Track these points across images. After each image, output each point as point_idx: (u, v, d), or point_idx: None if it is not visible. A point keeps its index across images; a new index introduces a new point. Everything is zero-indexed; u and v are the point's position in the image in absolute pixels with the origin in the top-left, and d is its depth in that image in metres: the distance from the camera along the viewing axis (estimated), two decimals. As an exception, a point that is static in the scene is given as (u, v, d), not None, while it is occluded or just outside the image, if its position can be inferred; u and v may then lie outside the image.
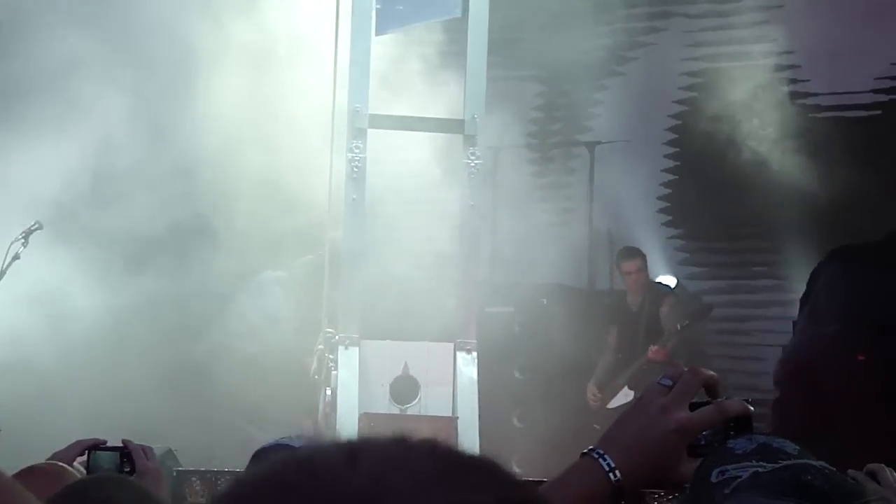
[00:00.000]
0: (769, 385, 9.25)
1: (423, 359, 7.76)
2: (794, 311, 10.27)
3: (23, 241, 8.12)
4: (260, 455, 2.82)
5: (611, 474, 1.64)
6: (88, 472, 2.84)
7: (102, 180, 9.36)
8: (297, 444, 2.78)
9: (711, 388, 1.70)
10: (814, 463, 1.50)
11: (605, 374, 9.81)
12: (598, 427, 8.80)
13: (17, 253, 8.06)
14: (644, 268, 9.85)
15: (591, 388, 9.72)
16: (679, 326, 9.45)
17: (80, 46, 9.08)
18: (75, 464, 2.89)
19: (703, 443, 1.64)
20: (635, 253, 9.99)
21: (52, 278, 8.85)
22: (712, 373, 1.72)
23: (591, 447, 1.68)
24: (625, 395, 9.47)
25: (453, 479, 0.95)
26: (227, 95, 9.09)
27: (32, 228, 8.18)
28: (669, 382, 1.69)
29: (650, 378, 8.84)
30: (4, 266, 7.95)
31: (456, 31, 8.05)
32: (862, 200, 10.15)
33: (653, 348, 9.45)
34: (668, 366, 1.74)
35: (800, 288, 10.43)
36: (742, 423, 1.64)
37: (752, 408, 1.67)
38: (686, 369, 1.70)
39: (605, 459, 1.65)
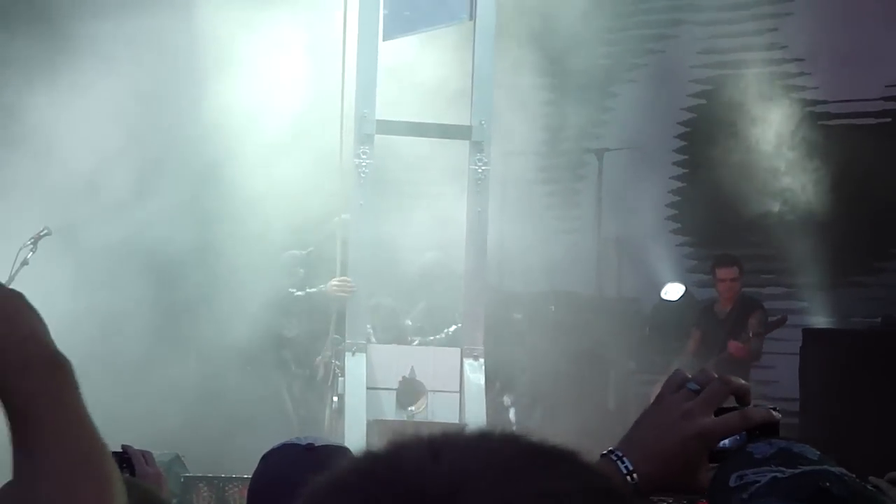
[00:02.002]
0: (779, 393, 9.25)
1: (430, 364, 7.74)
2: (804, 318, 10.30)
3: (31, 246, 8.09)
4: (268, 457, 2.79)
5: (628, 477, 1.61)
6: None
7: (116, 186, 9.36)
8: (303, 443, 2.76)
9: (742, 398, 1.68)
10: (833, 469, 1.47)
11: None
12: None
13: (25, 258, 8.03)
14: (739, 276, 9.61)
15: (656, 388, 9.45)
16: (752, 333, 9.32)
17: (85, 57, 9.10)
18: None
19: (725, 449, 1.61)
20: (733, 260, 9.71)
21: (61, 282, 8.83)
22: (743, 381, 1.69)
23: (610, 448, 1.66)
24: None
25: (537, 468, 0.95)
26: (236, 103, 9.08)
27: (41, 234, 8.15)
28: (697, 387, 1.67)
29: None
30: (13, 272, 7.93)
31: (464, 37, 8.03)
32: (871, 208, 10.11)
33: (733, 342, 9.27)
34: (699, 371, 1.70)
35: (808, 295, 10.42)
36: (767, 431, 1.61)
37: (778, 415, 1.64)
38: (716, 376, 1.67)
39: (623, 461, 1.63)
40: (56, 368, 1.41)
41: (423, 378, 7.64)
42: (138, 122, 9.28)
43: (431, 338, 8.46)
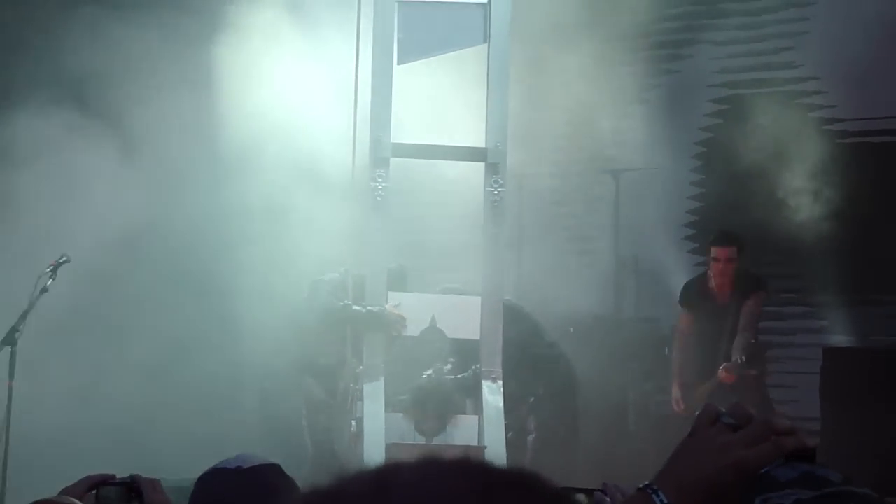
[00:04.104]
0: (800, 412, 9.19)
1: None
2: (824, 337, 10.23)
3: (51, 273, 8.09)
4: (201, 482, 2.81)
5: None
6: None
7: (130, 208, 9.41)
8: (233, 465, 2.78)
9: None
10: (857, 490, 1.46)
11: (685, 372, 8.94)
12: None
13: (45, 286, 8.03)
14: (737, 258, 8.86)
15: (674, 390, 8.88)
16: (740, 360, 8.68)
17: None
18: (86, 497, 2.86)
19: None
20: (732, 238, 8.97)
21: (74, 307, 8.86)
22: (788, 422, 1.67)
23: (647, 482, 1.66)
24: None
25: (489, 501, 0.91)
26: (248, 125, 9.11)
27: (60, 261, 8.15)
28: (732, 421, 1.66)
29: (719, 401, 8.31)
30: (33, 299, 7.93)
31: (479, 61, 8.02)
32: (890, 226, 10.06)
33: (723, 372, 8.72)
34: (733, 405, 1.70)
35: (828, 314, 10.36)
36: (803, 459, 1.59)
37: (810, 440, 1.62)
38: (758, 417, 1.66)
39: (658, 495, 1.63)
40: None
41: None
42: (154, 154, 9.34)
43: (460, 375, 8.36)
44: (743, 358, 8.68)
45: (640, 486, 1.65)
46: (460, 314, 7.66)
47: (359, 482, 0.92)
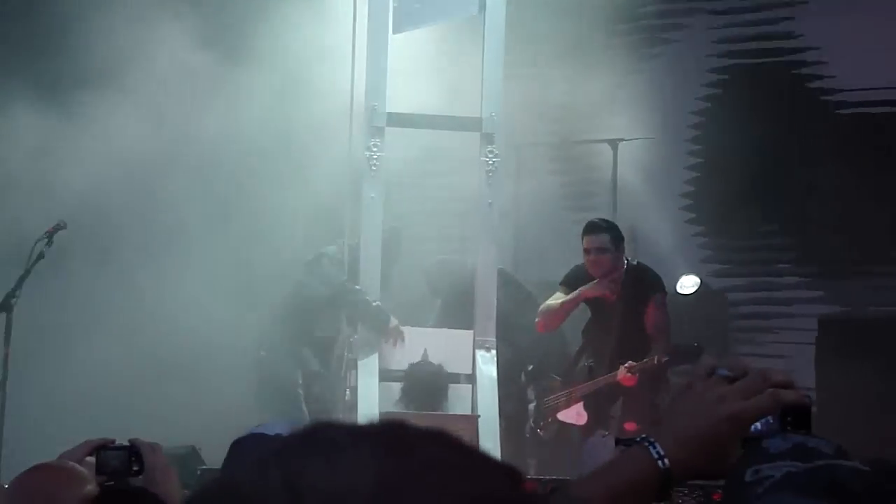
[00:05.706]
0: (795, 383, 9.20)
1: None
2: (819, 308, 10.24)
3: (47, 240, 8.08)
4: (237, 447, 2.78)
5: (659, 462, 1.63)
6: (97, 472, 2.84)
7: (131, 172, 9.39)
8: (272, 432, 2.76)
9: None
10: (847, 464, 1.45)
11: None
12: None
13: (41, 252, 8.02)
14: (611, 248, 7.88)
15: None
16: (657, 360, 7.57)
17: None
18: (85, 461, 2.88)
19: (758, 434, 1.61)
20: (601, 227, 7.99)
21: (70, 271, 8.85)
22: (784, 373, 1.68)
23: (643, 435, 1.68)
24: (577, 414, 7.94)
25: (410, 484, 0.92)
26: (250, 96, 9.08)
27: (57, 227, 8.14)
28: (728, 373, 1.67)
29: (606, 400, 8.04)
30: (29, 265, 7.92)
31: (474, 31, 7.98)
32: (888, 198, 10.05)
33: (624, 372, 7.66)
34: (731, 360, 1.76)
35: (823, 284, 10.36)
36: (800, 417, 1.60)
37: (809, 398, 1.63)
38: (755, 371, 1.67)
39: (654, 447, 1.64)
40: None
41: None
42: (153, 114, 9.30)
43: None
44: (655, 360, 7.62)
45: (637, 438, 1.67)
46: (452, 349, 7.65)
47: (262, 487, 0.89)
